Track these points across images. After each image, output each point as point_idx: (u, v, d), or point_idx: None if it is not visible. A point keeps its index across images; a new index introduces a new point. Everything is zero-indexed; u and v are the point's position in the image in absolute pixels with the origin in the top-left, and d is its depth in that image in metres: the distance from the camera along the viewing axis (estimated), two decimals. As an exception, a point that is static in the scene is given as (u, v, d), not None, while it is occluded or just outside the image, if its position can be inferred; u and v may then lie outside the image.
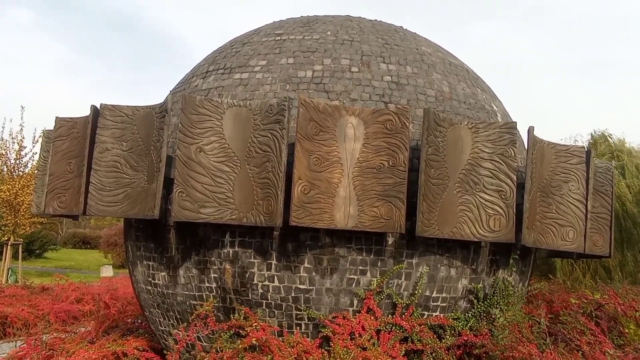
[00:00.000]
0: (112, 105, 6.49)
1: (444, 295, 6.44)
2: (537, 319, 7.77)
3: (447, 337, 6.23)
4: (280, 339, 5.77)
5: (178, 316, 6.78)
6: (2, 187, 19.98)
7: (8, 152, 21.24)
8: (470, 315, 6.56)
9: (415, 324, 6.10)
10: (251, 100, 6.43)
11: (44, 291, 15.57)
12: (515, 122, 6.34)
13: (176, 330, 6.64)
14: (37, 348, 6.16)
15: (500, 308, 6.47)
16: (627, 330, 7.96)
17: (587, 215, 6.89)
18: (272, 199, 5.64)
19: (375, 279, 6.14)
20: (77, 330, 9.06)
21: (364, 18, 8.05)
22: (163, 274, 6.81)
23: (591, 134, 23.26)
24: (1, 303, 12.92)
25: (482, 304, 6.59)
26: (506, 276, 6.95)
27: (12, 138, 20.72)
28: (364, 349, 5.75)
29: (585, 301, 8.13)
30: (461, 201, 6.04)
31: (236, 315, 6.09)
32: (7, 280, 21.15)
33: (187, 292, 6.61)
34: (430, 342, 6.04)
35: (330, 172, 5.75)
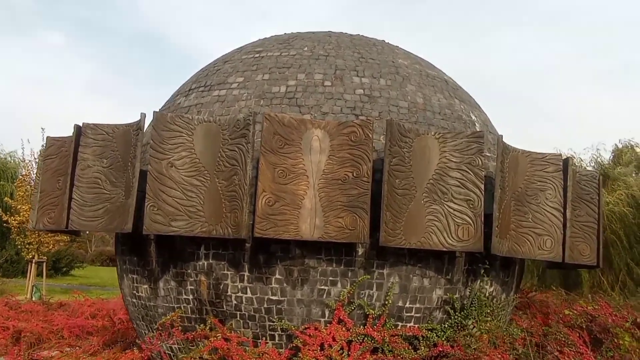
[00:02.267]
0: (94, 124, 6.77)
1: (417, 305, 6.43)
2: (530, 331, 7.67)
3: (422, 348, 6.21)
4: (248, 349, 5.85)
5: (159, 328, 6.93)
6: (25, 207, 20.68)
7: (32, 171, 22.01)
8: (447, 325, 6.52)
9: (387, 335, 6.11)
10: (227, 116, 6.62)
11: (61, 307, 15.96)
12: (483, 132, 6.35)
13: (142, 340, 6.80)
14: (19, 358, 6.39)
15: (475, 318, 6.41)
16: (621, 342, 7.76)
17: (565, 223, 6.80)
18: (239, 211, 5.78)
19: (345, 290, 6.18)
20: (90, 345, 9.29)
21: (344, 33, 8.20)
22: (145, 286, 7.00)
23: (615, 144, 22.79)
24: (17, 318, 13.33)
25: (458, 315, 6.55)
26: (485, 286, 6.89)
27: (35, 158, 21.47)
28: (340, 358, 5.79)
29: (576, 313, 7.96)
30: (429, 211, 6.06)
31: (202, 325, 6.21)
32: (32, 297, 21.78)
33: (167, 304, 6.77)
34: (402, 352, 6.03)
35: (296, 184, 5.87)
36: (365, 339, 6.10)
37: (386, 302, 6.22)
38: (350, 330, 6.08)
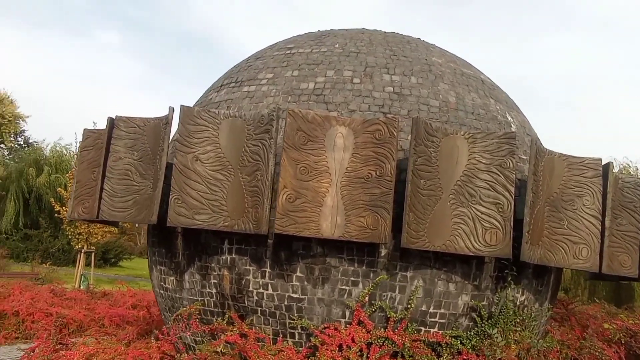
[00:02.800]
0: (126, 117, 6.91)
1: (442, 311, 6.23)
2: (567, 343, 7.32)
3: (445, 355, 6.01)
4: (265, 346, 5.82)
5: (177, 319, 7.01)
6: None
7: (81, 164, 22.85)
8: (473, 333, 6.29)
9: (409, 339, 5.94)
10: (253, 111, 6.62)
11: (104, 296, 16.50)
12: (515, 133, 6.08)
13: (158, 330, 6.89)
14: (48, 342, 6.60)
15: (501, 328, 6.15)
16: (666, 361, 7.29)
17: (603, 232, 6.43)
18: (260, 207, 5.76)
19: (365, 290, 6.06)
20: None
21: (378, 31, 8.07)
22: (172, 278, 7.10)
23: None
24: (61, 305, 13.85)
25: (485, 323, 6.30)
26: (516, 294, 6.61)
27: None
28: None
29: (616, 327, 7.53)
30: (456, 213, 5.85)
31: (219, 319, 6.23)
32: (80, 285, 22.62)
33: (191, 297, 6.84)
34: (423, 358, 5.85)
35: (318, 181, 5.79)
36: (386, 342, 5.95)
37: (409, 306, 6.05)
38: (371, 332, 5.95)
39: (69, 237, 24.00)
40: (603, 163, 6.61)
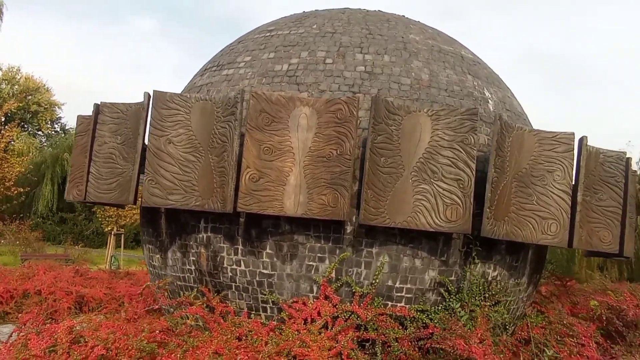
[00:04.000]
0: (110, 103, 7.22)
1: (408, 286, 6.35)
2: (551, 318, 7.35)
3: (411, 328, 6.14)
4: (230, 318, 6.08)
5: (170, 295, 7.36)
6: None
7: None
8: (441, 308, 6.39)
9: (374, 313, 6.09)
10: (224, 94, 6.81)
11: (127, 276, 17.19)
12: (477, 109, 6.07)
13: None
14: (38, 317, 7.06)
15: (466, 302, 6.22)
16: (652, 338, 7.20)
17: (576, 207, 6.38)
18: (226, 187, 5.98)
19: (330, 265, 6.23)
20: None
21: (360, 9, 8.09)
22: (157, 256, 7.44)
23: None
24: (82, 284, 14.55)
25: (453, 298, 6.38)
26: (487, 270, 6.66)
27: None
28: (318, 332, 5.88)
29: (597, 304, 7.47)
30: (418, 190, 5.93)
31: (187, 293, 6.53)
32: (111, 266, 23.58)
33: (174, 273, 7.17)
34: (386, 332, 5.99)
35: (282, 161, 5.96)
36: (352, 316, 6.12)
37: (374, 281, 6.19)
38: (337, 306, 6.12)
39: (100, 219, 24.94)
40: (578, 137, 6.54)
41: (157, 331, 5.52)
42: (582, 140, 6.49)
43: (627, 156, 7.16)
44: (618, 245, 7.00)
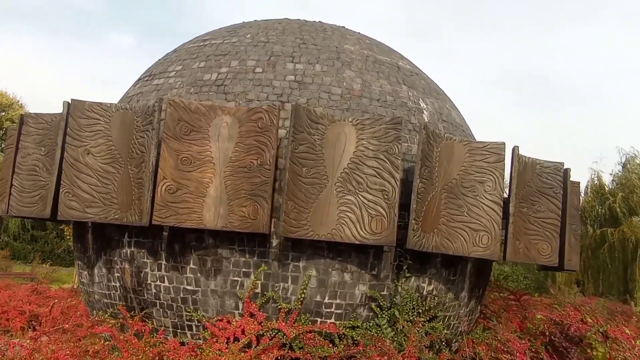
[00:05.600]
0: (35, 114, 6.96)
1: (338, 301, 6.11)
2: (493, 335, 7.14)
3: (341, 346, 5.90)
4: (144, 338, 5.78)
5: (98, 312, 7.04)
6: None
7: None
8: (372, 324, 6.16)
9: (301, 331, 5.84)
10: (143, 103, 6.59)
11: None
12: (401, 118, 5.93)
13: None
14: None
15: (389, 318, 6.01)
16: (594, 354, 7.01)
17: (509, 219, 6.24)
18: (143, 198, 5.74)
19: (259, 282, 5.99)
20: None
21: (300, 20, 7.97)
22: (85, 272, 7.13)
23: None
24: (38, 303, 14.04)
25: (386, 313, 6.16)
26: (422, 284, 6.46)
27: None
28: (240, 352, 5.61)
29: (541, 320, 7.30)
30: (342, 202, 5.73)
31: (99, 313, 6.24)
32: (79, 285, 22.92)
33: (100, 290, 6.86)
34: (312, 350, 5.74)
35: (201, 171, 5.74)
36: (278, 334, 5.87)
37: (300, 297, 5.96)
38: (262, 324, 5.87)
39: (68, 238, 24.35)
40: (516, 150, 6.42)
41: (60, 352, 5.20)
42: (514, 150, 6.37)
43: (565, 167, 7.06)
44: (557, 258, 6.87)
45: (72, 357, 5.15)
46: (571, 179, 7.16)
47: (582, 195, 22.95)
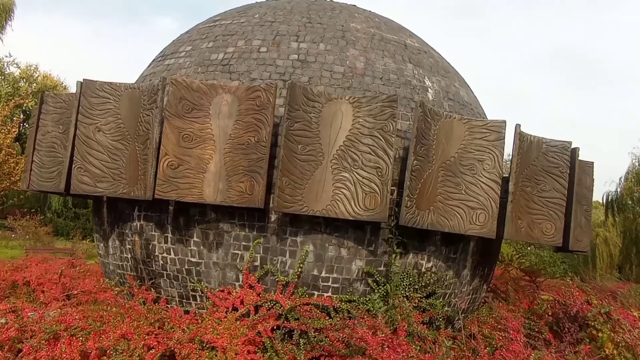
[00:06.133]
0: (54, 93, 7.34)
1: (334, 275, 6.27)
2: (499, 316, 7.17)
3: (336, 318, 6.06)
4: (148, 305, 6.09)
5: (112, 283, 7.43)
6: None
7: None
8: (369, 298, 6.29)
9: (298, 303, 6.03)
10: (150, 82, 6.82)
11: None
12: (397, 96, 5.95)
13: None
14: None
15: (384, 292, 6.11)
16: (600, 335, 6.95)
17: (507, 197, 6.21)
18: (147, 174, 6.00)
19: (258, 255, 6.20)
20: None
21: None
22: (102, 244, 7.52)
23: None
24: (72, 276, 14.77)
25: (382, 288, 6.28)
26: (420, 261, 6.53)
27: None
28: (236, 320, 5.85)
29: (543, 300, 7.26)
30: (337, 178, 5.85)
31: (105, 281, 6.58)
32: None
33: (114, 262, 7.24)
34: (307, 321, 5.92)
35: (202, 148, 5.95)
36: (276, 305, 6.07)
37: (298, 270, 6.14)
38: (260, 295, 6.09)
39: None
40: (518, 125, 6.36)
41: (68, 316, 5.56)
42: (516, 128, 6.31)
43: (574, 146, 6.94)
44: (562, 238, 6.80)
45: (78, 320, 5.49)
46: (582, 158, 7.06)
47: (623, 180, 22.31)
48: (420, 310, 6.34)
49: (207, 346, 5.41)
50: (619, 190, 22.46)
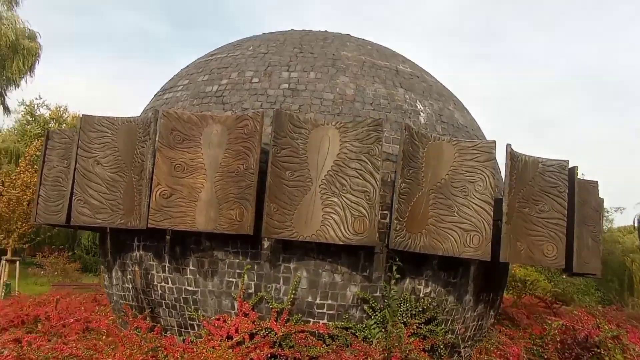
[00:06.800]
0: (59, 130, 7.64)
1: (329, 302, 6.23)
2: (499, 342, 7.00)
3: (332, 346, 5.99)
4: (141, 334, 6.12)
5: (116, 313, 7.53)
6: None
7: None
8: (366, 325, 6.21)
9: (293, 330, 6.00)
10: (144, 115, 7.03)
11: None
12: (382, 119, 5.99)
13: None
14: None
15: (381, 319, 6.02)
16: None
17: (501, 219, 6.12)
18: (142, 204, 6.14)
19: (252, 283, 6.22)
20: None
21: (305, 30, 8.21)
22: (106, 275, 7.66)
23: None
24: (92, 311, 14.99)
25: (379, 314, 6.20)
26: (417, 286, 6.44)
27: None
28: (229, 349, 5.84)
29: (552, 326, 7.04)
30: (327, 203, 5.87)
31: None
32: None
33: (118, 292, 7.35)
34: (301, 349, 5.87)
35: (193, 177, 6.07)
36: (271, 333, 6.05)
37: (291, 297, 6.12)
38: (255, 322, 6.08)
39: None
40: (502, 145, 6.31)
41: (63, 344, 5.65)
42: (507, 148, 6.26)
43: (572, 165, 6.83)
44: (564, 260, 6.63)
45: (73, 349, 5.58)
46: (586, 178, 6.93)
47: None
48: (420, 337, 6.23)
49: (199, 375, 5.41)
50: (651, 212, 21.82)
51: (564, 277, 19.42)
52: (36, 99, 35.43)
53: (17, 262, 17.99)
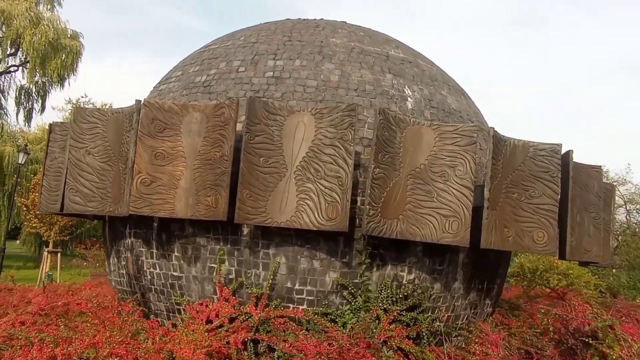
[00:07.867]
0: (60, 123, 7.91)
1: (308, 288, 6.23)
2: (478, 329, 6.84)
3: (311, 332, 6.01)
4: (124, 317, 6.30)
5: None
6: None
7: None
8: (346, 310, 6.19)
9: (272, 315, 6.04)
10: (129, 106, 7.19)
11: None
12: (355, 105, 5.92)
13: None
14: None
15: (354, 307, 5.97)
16: (609, 352, 6.42)
17: (482, 204, 5.95)
18: (125, 191, 6.31)
19: (232, 268, 6.30)
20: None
21: (298, 19, 8.20)
22: (107, 261, 7.93)
23: None
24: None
25: (357, 300, 6.16)
26: (400, 273, 6.36)
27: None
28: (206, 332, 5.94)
29: (546, 316, 6.80)
30: (302, 189, 5.87)
31: (124, 295, 6.89)
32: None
33: (115, 278, 7.60)
34: (278, 334, 5.91)
35: (173, 165, 6.19)
36: (251, 317, 6.11)
37: (270, 282, 6.16)
38: (235, 307, 6.16)
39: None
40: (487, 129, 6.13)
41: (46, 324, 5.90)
42: (490, 131, 6.07)
43: (567, 149, 6.56)
44: (556, 247, 6.39)
45: (51, 329, 5.81)
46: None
47: None
48: (403, 324, 6.16)
49: (175, 357, 5.53)
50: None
51: (614, 271, 18.66)
52: (82, 97, 36.71)
53: (59, 254, 18.78)
